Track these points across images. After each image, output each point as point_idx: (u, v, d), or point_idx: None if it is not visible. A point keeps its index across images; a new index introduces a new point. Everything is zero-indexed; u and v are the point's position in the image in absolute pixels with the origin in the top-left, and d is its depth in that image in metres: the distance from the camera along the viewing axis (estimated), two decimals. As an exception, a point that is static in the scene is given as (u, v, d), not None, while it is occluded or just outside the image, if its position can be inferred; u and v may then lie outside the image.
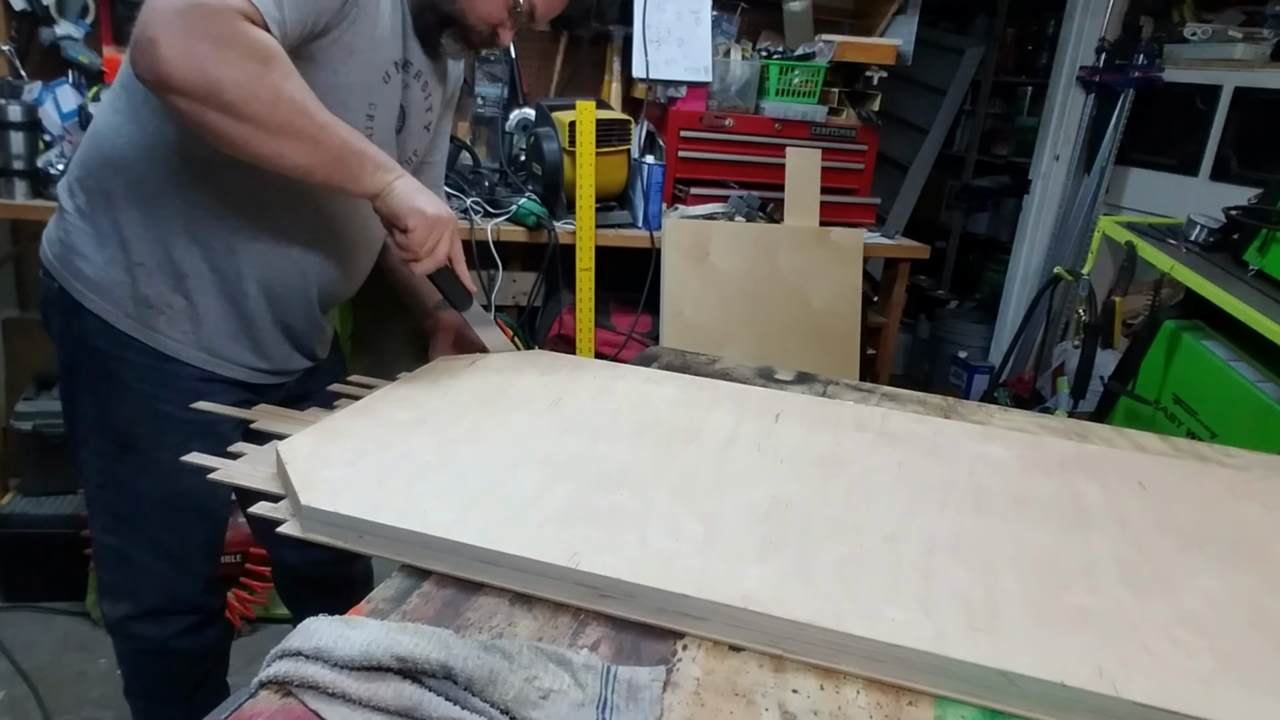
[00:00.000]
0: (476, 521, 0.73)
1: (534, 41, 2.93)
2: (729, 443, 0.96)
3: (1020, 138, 4.27)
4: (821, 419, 1.06)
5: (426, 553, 0.72)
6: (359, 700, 0.57)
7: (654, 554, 0.71)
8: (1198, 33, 3.03)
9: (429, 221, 1.05)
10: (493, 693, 0.58)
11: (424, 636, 0.61)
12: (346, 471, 0.81)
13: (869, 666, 0.64)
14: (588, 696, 0.59)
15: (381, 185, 1.02)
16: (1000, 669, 0.61)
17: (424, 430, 0.91)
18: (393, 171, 1.03)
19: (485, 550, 0.70)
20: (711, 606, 0.66)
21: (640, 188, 2.49)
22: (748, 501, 0.82)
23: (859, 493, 0.86)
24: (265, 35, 0.89)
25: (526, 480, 0.82)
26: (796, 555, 0.73)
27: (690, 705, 0.60)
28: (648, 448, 0.92)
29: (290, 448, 0.85)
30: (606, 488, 0.82)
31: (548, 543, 0.71)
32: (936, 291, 4.50)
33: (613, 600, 0.68)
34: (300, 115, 0.91)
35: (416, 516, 0.73)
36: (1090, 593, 0.72)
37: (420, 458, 0.85)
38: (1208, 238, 2.20)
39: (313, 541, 0.76)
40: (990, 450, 1.01)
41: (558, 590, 0.69)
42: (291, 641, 0.61)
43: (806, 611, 0.65)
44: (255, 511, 0.79)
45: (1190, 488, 0.96)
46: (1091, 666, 0.61)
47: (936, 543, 0.77)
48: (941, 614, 0.66)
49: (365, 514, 0.73)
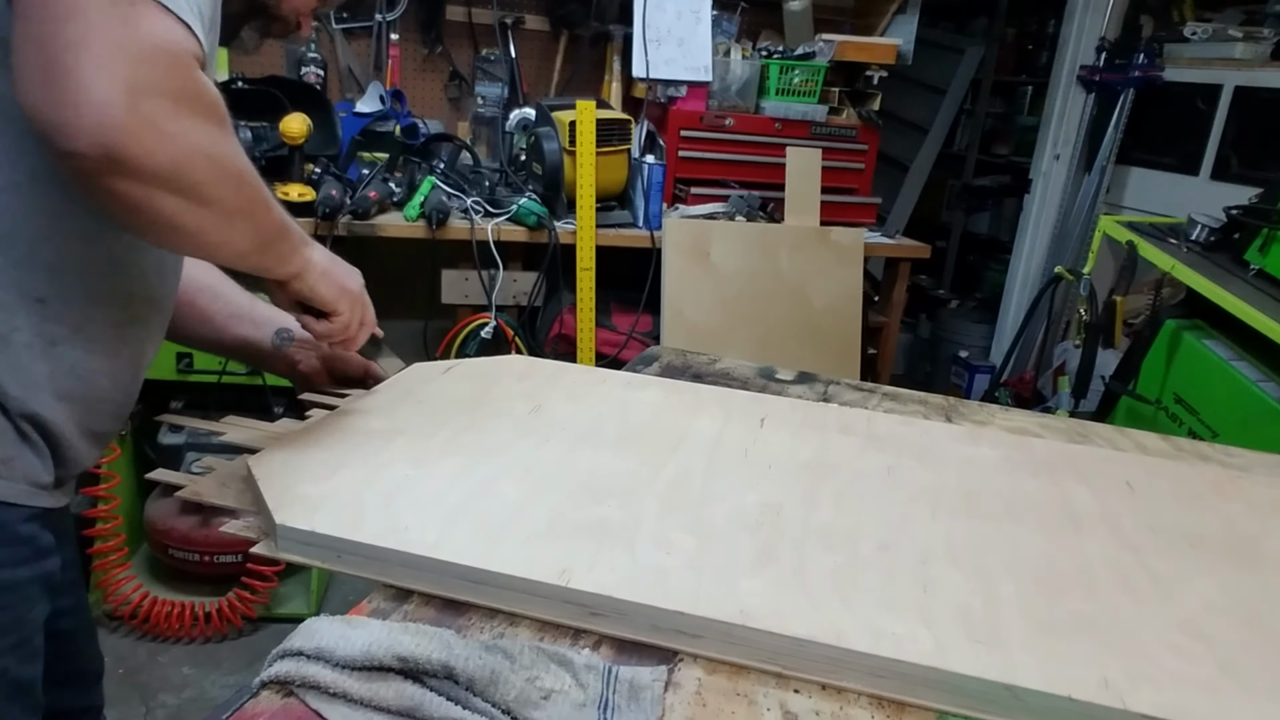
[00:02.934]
0: (460, 538, 0.71)
1: (534, 41, 2.93)
2: (715, 449, 0.94)
3: (1021, 137, 4.27)
4: (807, 422, 1.04)
5: (408, 572, 0.70)
6: (360, 700, 0.57)
7: (645, 568, 0.69)
8: (1198, 32, 3.03)
9: (354, 297, 0.91)
10: (494, 693, 0.58)
11: (425, 636, 0.61)
12: (322, 487, 0.77)
13: (871, 683, 0.62)
14: (589, 697, 0.59)
15: (301, 263, 0.83)
16: (1005, 683, 0.60)
17: (401, 441, 0.88)
18: (306, 243, 0.85)
19: (470, 569, 0.68)
20: (708, 623, 0.64)
21: (640, 187, 2.49)
22: (737, 510, 0.80)
23: (849, 498, 0.85)
24: (212, 85, 0.71)
25: (509, 493, 0.79)
26: (791, 566, 0.72)
27: (692, 705, 0.60)
28: (632, 455, 0.90)
29: (262, 462, 0.80)
30: (592, 499, 0.79)
31: (535, 559, 0.69)
32: (937, 291, 4.50)
33: (605, 619, 0.66)
34: (255, 191, 0.74)
35: (397, 534, 0.70)
36: (1088, 599, 0.71)
37: (398, 470, 0.81)
38: (1208, 237, 2.20)
39: (287, 562, 0.73)
40: (978, 452, 1.00)
41: (547, 609, 0.67)
42: (293, 641, 0.61)
43: (806, 627, 0.64)
44: (227, 530, 0.75)
45: (1176, 487, 0.96)
46: (1096, 677, 0.61)
47: (931, 550, 0.76)
48: (941, 625, 0.65)
49: (344, 532, 0.70)
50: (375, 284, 1.41)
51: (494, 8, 2.81)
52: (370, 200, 2.28)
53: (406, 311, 2.79)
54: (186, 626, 2.19)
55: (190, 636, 2.21)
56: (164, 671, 2.10)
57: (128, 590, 2.18)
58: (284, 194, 2.22)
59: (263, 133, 2.28)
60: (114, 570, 2.18)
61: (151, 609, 2.18)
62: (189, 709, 1.99)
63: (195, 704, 2.00)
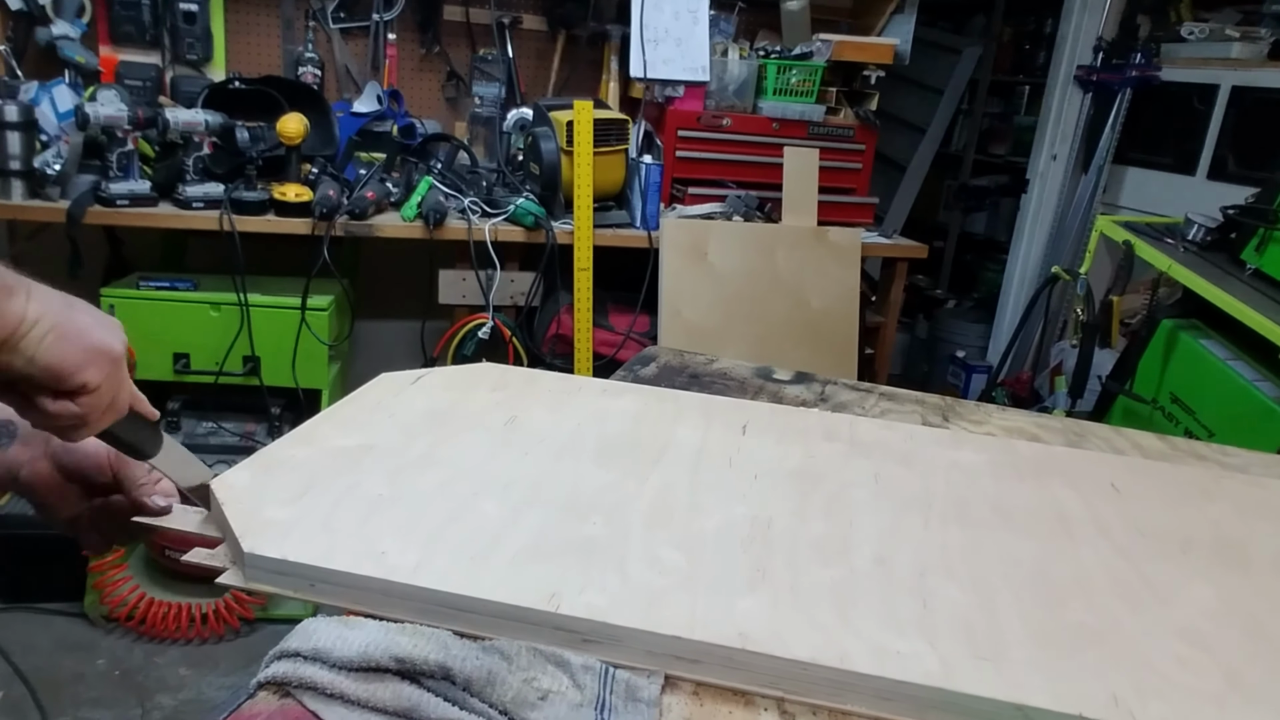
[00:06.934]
0: (441, 561, 0.67)
1: (531, 41, 2.93)
2: (698, 458, 0.92)
3: (1018, 137, 4.28)
4: (789, 429, 1.03)
5: (388, 600, 0.66)
6: (357, 701, 0.57)
7: (637, 590, 0.67)
8: (1195, 32, 3.04)
9: (110, 360, 0.61)
10: (491, 694, 0.58)
11: (422, 637, 0.61)
12: (291, 510, 0.73)
13: (877, 705, 0.61)
14: (586, 698, 0.59)
15: (14, 321, 0.55)
16: (1015, 703, 0.59)
17: (372, 457, 0.84)
18: (18, 291, 0.55)
19: (455, 596, 0.64)
20: (706, 648, 0.62)
21: (638, 187, 2.49)
22: (727, 523, 0.79)
23: (840, 508, 0.84)
24: None
25: (490, 510, 0.76)
26: (788, 583, 0.70)
27: (689, 706, 0.60)
28: (615, 467, 0.87)
29: (225, 484, 0.75)
30: (576, 515, 0.77)
31: (521, 583, 0.66)
32: (934, 291, 4.50)
33: (598, 645, 0.64)
34: None
35: (374, 560, 0.67)
36: (1086, 609, 0.71)
37: (371, 490, 0.77)
38: (1205, 237, 2.20)
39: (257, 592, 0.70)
40: (962, 457, 0.99)
41: (537, 636, 0.64)
42: (290, 642, 0.61)
43: (809, 649, 0.62)
44: (191, 560, 0.69)
45: (1161, 489, 0.96)
46: (1105, 693, 0.60)
47: (927, 561, 0.76)
48: (945, 642, 0.64)
49: (317, 560, 0.66)
50: (372, 284, 1.41)
51: (491, 7, 2.81)
52: (367, 200, 2.28)
53: (403, 312, 2.79)
54: (183, 628, 2.19)
55: (187, 638, 2.20)
56: (161, 673, 2.10)
57: (124, 591, 2.18)
58: (281, 194, 2.22)
59: (260, 133, 2.28)
60: (110, 571, 2.18)
61: (148, 610, 2.18)
62: (186, 710, 1.99)
63: (192, 705, 2.00)
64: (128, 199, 2.12)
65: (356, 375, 1.26)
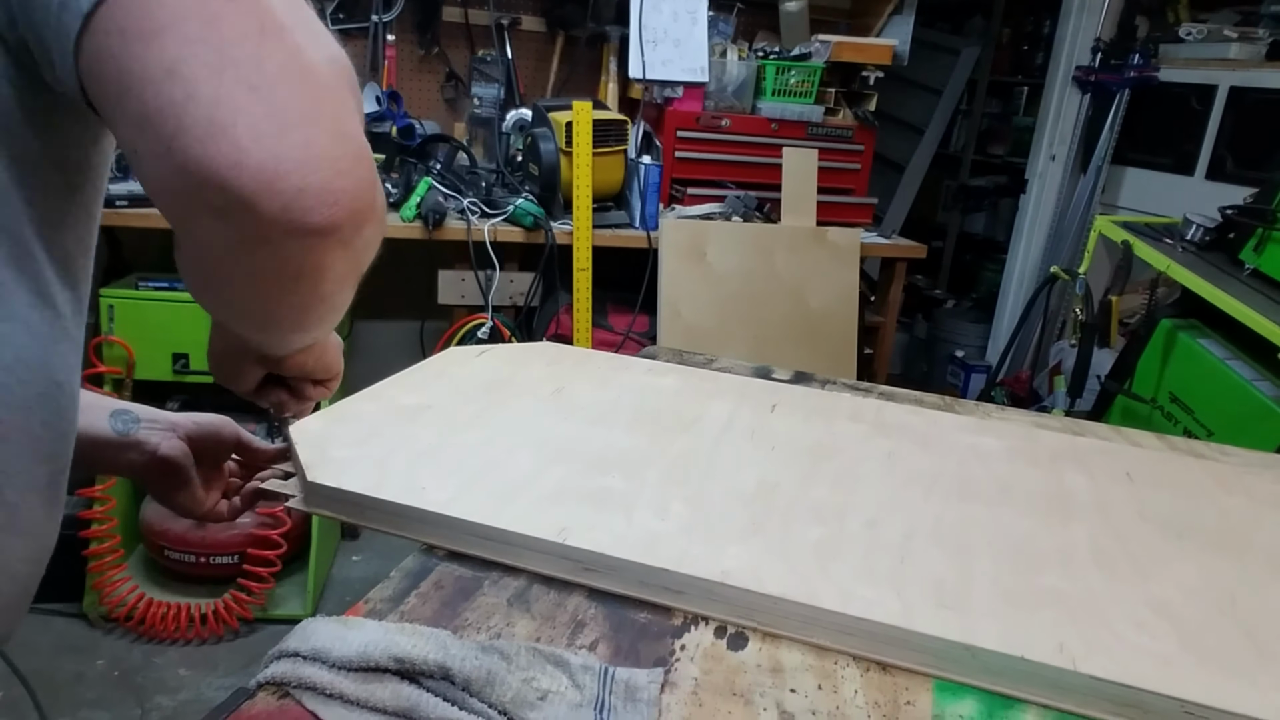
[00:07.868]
0: (472, 499, 0.76)
1: (530, 42, 2.94)
2: (723, 430, 0.97)
3: (1016, 137, 4.28)
4: (817, 410, 1.07)
5: (423, 527, 0.75)
6: (356, 701, 0.57)
7: (640, 532, 0.74)
8: (1193, 32, 3.04)
9: (341, 360, 0.83)
10: (490, 694, 0.58)
11: (422, 637, 0.61)
12: (353, 451, 0.83)
13: (840, 640, 0.66)
14: (585, 698, 0.59)
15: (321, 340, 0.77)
16: (964, 643, 0.63)
17: (429, 415, 0.94)
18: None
19: (478, 525, 0.73)
20: (690, 580, 0.69)
21: (637, 188, 2.50)
22: (736, 485, 0.84)
23: (846, 479, 0.88)
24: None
25: (523, 462, 0.84)
26: (778, 536, 0.75)
27: (688, 705, 0.60)
28: (643, 435, 0.94)
29: (301, 429, 0.88)
30: (599, 470, 0.84)
31: (538, 520, 0.74)
32: (933, 291, 4.51)
33: (596, 574, 0.71)
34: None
35: (415, 493, 0.76)
36: (1063, 577, 0.73)
37: (424, 440, 0.87)
38: (1204, 237, 2.21)
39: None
40: (982, 441, 1.01)
41: (545, 564, 0.72)
42: (289, 642, 0.61)
43: (781, 587, 0.68)
44: (266, 486, 0.82)
45: (1177, 480, 0.96)
46: (1053, 643, 0.63)
47: (916, 528, 0.79)
48: (912, 593, 0.68)
49: (367, 490, 0.76)
50: (372, 284, 1.41)
51: (490, 8, 2.81)
52: (366, 201, 2.27)
53: (403, 312, 2.79)
54: (183, 628, 2.19)
55: (186, 638, 2.21)
56: (160, 673, 2.10)
57: (123, 592, 2.18)
58: (280, 195, 2.21)
59: (259, 133, 2.28)
60: (110, 572, 2.18)
61: (147, 611, 2.18)
62: (185, 711, 1.99)
63: (191, 706, 2.00)
64: (127, 199, 2.12)
65: (356, 376, 1.25)
